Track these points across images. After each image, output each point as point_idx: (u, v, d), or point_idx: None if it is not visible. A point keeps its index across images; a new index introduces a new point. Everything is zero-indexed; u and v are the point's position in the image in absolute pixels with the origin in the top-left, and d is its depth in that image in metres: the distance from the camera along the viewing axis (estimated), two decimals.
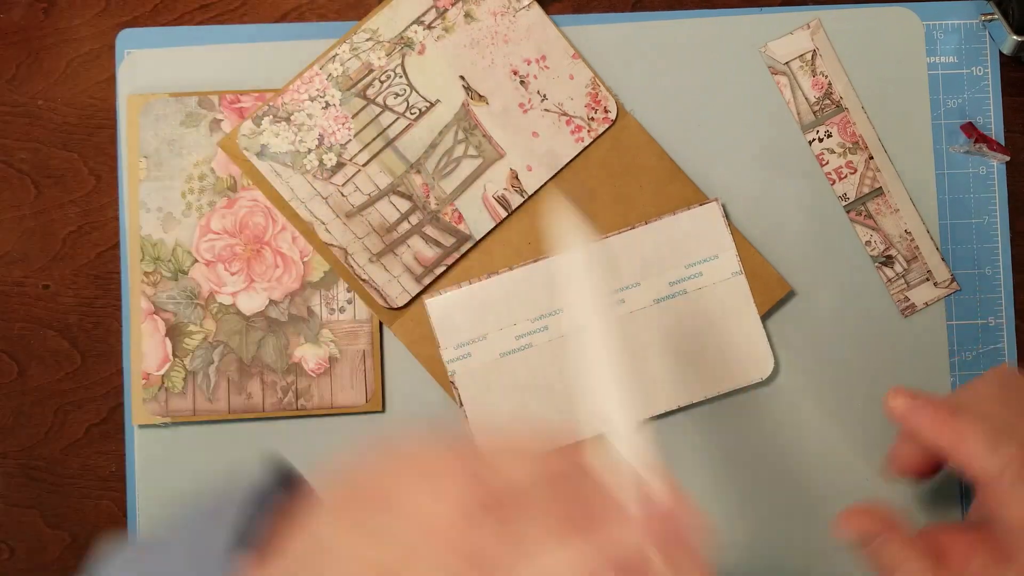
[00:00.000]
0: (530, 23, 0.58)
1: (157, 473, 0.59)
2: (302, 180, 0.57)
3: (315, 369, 0.58)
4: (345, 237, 0.57)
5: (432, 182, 0.58)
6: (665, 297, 0.59)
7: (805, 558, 0.59)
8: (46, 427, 0.60)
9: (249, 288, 0.58)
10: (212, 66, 0.59)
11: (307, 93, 0.57)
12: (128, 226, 0.58)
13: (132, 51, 0.60)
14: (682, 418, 0.59)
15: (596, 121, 0.59)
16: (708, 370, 0.59)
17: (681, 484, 0.58)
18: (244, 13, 0.61)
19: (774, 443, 0.60)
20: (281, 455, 0.44)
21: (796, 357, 0.60)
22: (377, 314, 0.58)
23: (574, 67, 0.59)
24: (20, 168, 0.60)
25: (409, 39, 0.58)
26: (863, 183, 0.60)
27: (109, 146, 0.60)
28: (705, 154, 0.60)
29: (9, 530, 0.60)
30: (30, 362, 0.60)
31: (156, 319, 0.58)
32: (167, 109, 0.58)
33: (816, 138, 0.60)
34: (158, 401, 0.58)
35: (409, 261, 0.58)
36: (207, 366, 0.58)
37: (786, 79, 0.60)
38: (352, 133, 0.57)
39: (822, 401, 0.60)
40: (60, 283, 0.60)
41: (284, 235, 0.58)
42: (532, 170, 0.59)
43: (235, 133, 0.57)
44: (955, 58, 0.61)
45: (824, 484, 0.59)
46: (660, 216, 0.59)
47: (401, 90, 0.58)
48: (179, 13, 0.61)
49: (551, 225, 0.45)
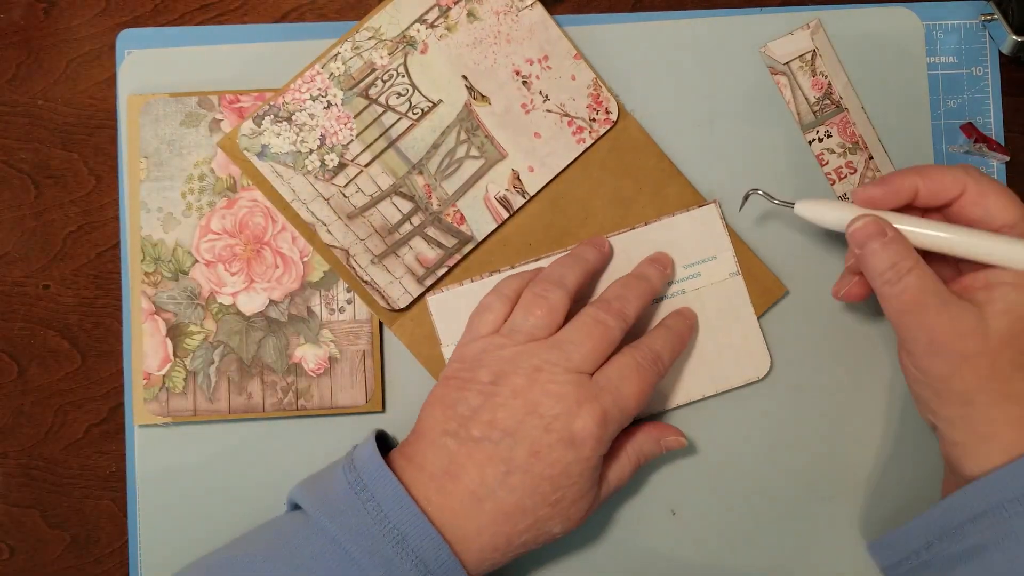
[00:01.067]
0: (532, 23, 0.58)
1: (157, 473, 0.59)
2: (303, 181, 0.57)
3: (315, 369, 0.58)
4: (347, 239, 0.57)
5: (434, 183, 0.58)
6: (663, 297, 0.59)
7: (803, 556, 0.59)
8: (46, 427, 0.60)
9: (249, 288, 0.58)
10: (212, 66, 0.59)
11: (308, 92, 0.57)
12: (128, 226, 0.58)
13: (132, 51, 0.60)
14: (679, 416, 0.59)
15: (597, 122, 0.59)
16: (705, 369, 0.59)
17: (678, 482, 0.58)
18: (244, 13, 0.61)
19: (771, 441, 0.60)
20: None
21: (794, 356, 0.60)
22: (377, 314, 0.58)
23: (576, 67, 0.59)
24: (20, 168, 0.60)
25: (412, 38, 0.58)
26: (863, 183, 0.60)
27: (109, 146, 0.60)
28: (704, 155, 0.60)
29: (9, 530, 0.60)
30: (30, 362, 0.60)
31: (157, 319, 0.58)
32: (167, 109, 0.58)
33: (816, 138, 0.60)
34: (159, 401, 0.57)
35: (411, 262, 0.58)
36: (207, 366, 0.58)
37: (786, 79, 0.60)
38: (354, 133, 0.57)
39: (818, 400, 0.60)
40: (60, 283, 0.60)
41: (284, 235, 0.58)
42: (534, 171, 0.59)
43: (235, 133, 0.57)
44: (955, 58, 0.62)
45: (821, 482, 0.60)
46: (659, 217, 0.59)
47: (404, 90, 0.58)
48: (179, 13, 0.61)
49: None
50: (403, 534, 0.48)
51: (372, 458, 0.51)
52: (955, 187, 0.50)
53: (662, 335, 0.55)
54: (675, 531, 0.59)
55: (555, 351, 0.52)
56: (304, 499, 0.50)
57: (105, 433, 0.60)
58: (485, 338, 0.53)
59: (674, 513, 0.59)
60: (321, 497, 0.50)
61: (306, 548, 0.49)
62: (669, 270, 0.58)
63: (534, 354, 0.52)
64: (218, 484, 0.59)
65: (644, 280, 0.56)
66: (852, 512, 0.59)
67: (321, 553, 0.48)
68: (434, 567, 0.48)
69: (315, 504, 0.50)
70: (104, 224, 0.60)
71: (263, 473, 0.59)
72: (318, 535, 0.49)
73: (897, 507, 0.59)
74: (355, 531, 0.48)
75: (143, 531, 0.59)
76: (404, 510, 0.49)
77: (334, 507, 0.49)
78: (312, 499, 0.50)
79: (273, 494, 0.56)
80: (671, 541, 0.59)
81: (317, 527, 0.49)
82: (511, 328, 0.53)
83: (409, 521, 0.49)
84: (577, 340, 0.52)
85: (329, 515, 0.49)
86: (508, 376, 0.51)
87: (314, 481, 0.52)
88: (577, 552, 0.59)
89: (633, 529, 0.59)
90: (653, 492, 0.59)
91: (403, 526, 0.49)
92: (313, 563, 0.48)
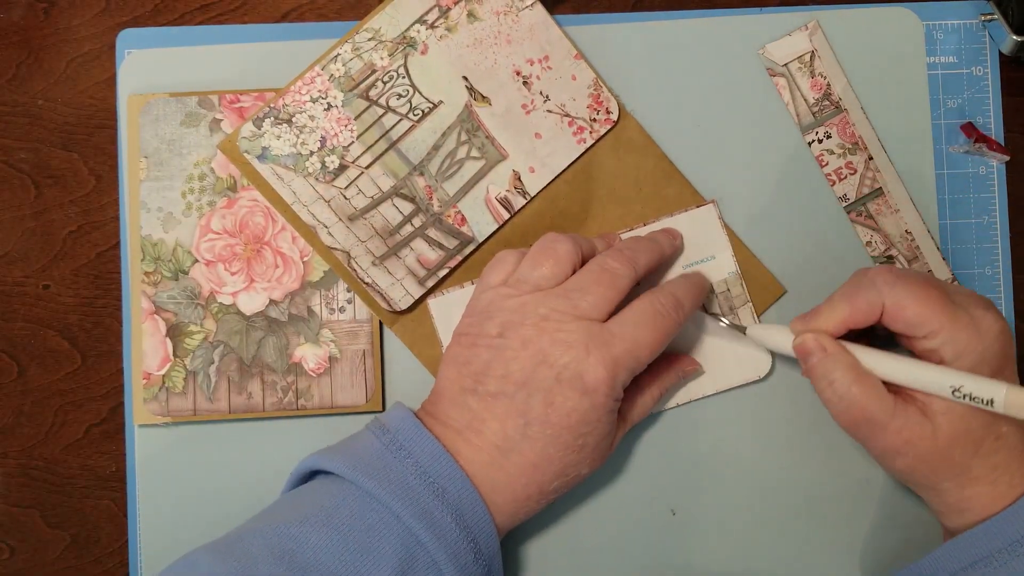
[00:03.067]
0: (533, 23, 0.58)
1: (157, 473, 0.59)
2: (304, 183, 0.57)
3: (315, 369, 0.58)
4: (348, 240, 0.57)
5: (435, 184, 0.58)
6: None
7: (802, 557, 0.59)
8: (46, 427, 0.60)
9: (249, 288, 0.58)
10: (212, 66, 0.59)
11: (309, 94, 0.57)
12: (128, 226, 0.58)
13: (132, 51, 0.59)
14: (679, 416, 0.60)
15: (598, 122, 0.59)
16: (705, 368, 0.59)
17: (678, 482, 0.58)
18: (244, 13, 0.61)
19: (771, 441, 0.60)
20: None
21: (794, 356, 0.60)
22: (378, 315, 0.58)
23: (576, 68, 0.59)
24: (20, 168, 0.60)
25: (412, 39, 0.58)
26: (863, 184, 0.60)
27: (109, 146, 0.60)
28: (704, 155, 0.60)
29: (9, 530, 0.60)
30: (30, 362, 0.60)
31: (157, 319, 0.58)
32: (167, 109, 0.58)
33: (815, 139, 0.60)
34: (159, 401, 0.57)
35: (412, 264, 0.58)
36: (207, 366, 0.58)
37: (785, 80, 0.60)
38: (355, 135, 0.57)
39: (818, 399, 0.60)
40: (60, 283, 0.60)
41: (284, 235, 0.58)
42: (535, 172, 0.58)
43: (235, 136, 0.57)
44: (955, 58, 0.62)
45: (820, 482, 0.60)
46: (658, 217, 0.59)
47: (404, 91, 0.58)
48: (179, 13, 0.61)
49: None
50: (442, 487, 0.49)
51: (406, 419, 0.52)
52: (873, 309, 0.51)
53: (684, 283, 0.55)
54: (675, 531, 0.59)
55: (562, 299, 0.51)
56: (335, 463, 0.50)
57: (105, 433, 0.60)
58: (493, 289, 0.53)
59: (674, 513, 0.59)
60: (354, 459, 0.50)
61: (343, 509, 0.49)
62: (679, 242, 0.58)
63: (541, 303, 0.51)
64: (218, 484, 0.59)
65: (654, 241, 0.57)
66: (851, 512, 0.59)
67: (360, 512, 0.48)
68: (471, 521, 0.49)
69: (350, 465, 0.50)
70: (104, 224, 0.60)
71: (263, 473, 0.59)
72: (355, 495, 0.49)
73: (895, 507, 0.59)
74: (396, 485, 0.49)
75: (143, 531, 0.59)
76: (442, 464, 0.50)
77: (371, 466, 0.50)
78: (345, 461, 0.50)
79: (273, 494, 0.56)
80: (671, 541, 0.59)
81: (354, 487, 0.49)
82: (518, 279, 0.53)
83: (447, 475, 0.49)
84: (584, 287, 0.52)
85: (367, 473, 0.49)
86: (516, 327, 0.51)
87: (341, 448, 0.52)
88: (577, 552, 0.59)
89: (633, 529, 0.59)
90: (653, 492, 0.59)
91: (442, 480, 0.49)
92: (353, 521, 0.48)
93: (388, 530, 0.48)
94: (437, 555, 0.48)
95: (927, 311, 0.49)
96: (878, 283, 0.51)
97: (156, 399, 0.58)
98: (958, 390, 0.48)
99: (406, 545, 0.48)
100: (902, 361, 0.50)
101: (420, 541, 0.48)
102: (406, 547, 0.48)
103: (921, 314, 0.50)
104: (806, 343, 0.52)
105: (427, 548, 0.48)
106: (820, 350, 0.51)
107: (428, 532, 0.48)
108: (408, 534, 0.48)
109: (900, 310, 0.50)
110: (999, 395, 0.47)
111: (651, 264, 0.55)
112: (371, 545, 0.48)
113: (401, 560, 0.48)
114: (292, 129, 0.57)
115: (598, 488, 0.59)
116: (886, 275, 0.51)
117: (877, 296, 0.51)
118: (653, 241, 0.56)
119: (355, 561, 0.47)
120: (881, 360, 0.51)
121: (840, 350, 0.51)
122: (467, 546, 0.49)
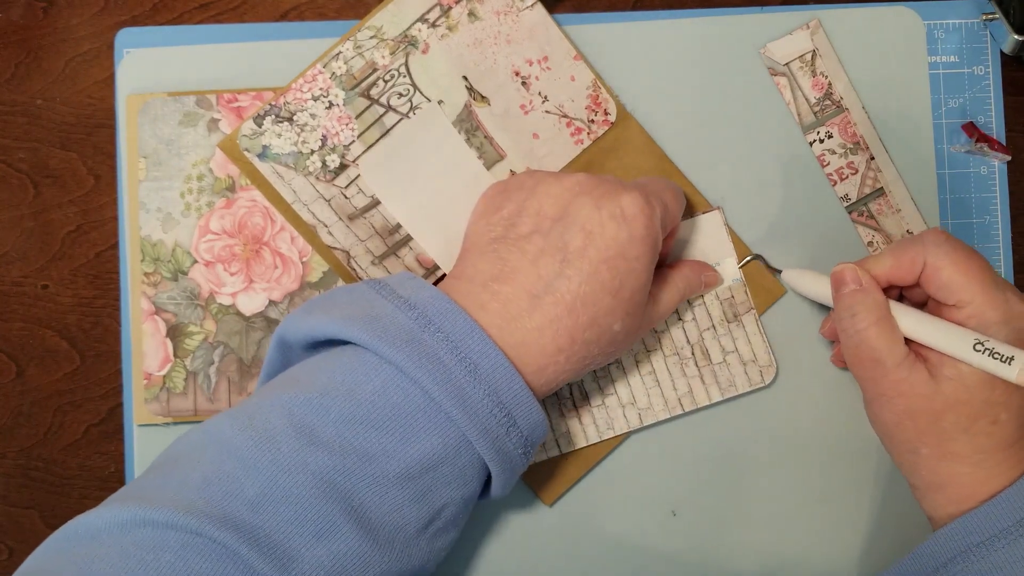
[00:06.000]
0: (533, 23, 0.58)
1: None
2: (304, 182, 0.57)
3: None
4: (348, 240, 0.57)
5: None
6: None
7: (803, 558, 0.59)
8: (45, 427, 0.60)
9: (248, 288, 0.58)
10: (212, 65, 0.59)
11: (310, 92, 0.57)
12: (127, 226, 0.58)
13: (131, 50, 0.59)
14: (686, 424, 0.59)
15: (596, 123, 0.59)
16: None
17: (678, 482, 0.58)
18: (244, 12, 0.61)
19: (771, 441, 0.60)
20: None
21: (799, 360, 0.60)
22: None
23: (575, 68, 0.59)
24: (19, 168, 0.60)
25: (413, 37, 0.58)
26: (864, 184, 0.60)
27: (108, 146, 0.60)
28: (705, 155, 0.60)
29: (9, 530, 0.60)
30: (29, 362, 0.60)
31: (157, 319, 0.58)
32: (165, 109, 0.58)
33: (817, 139, 0.60)
34: (159, 401, 0.57)
35: (411, 263, 0.58)
36: (207, 366, 0.58)
37: (786, 80, 0.60)
38: (356, 134, 0.57)
39: (819, 402, 0.60)
40: (59, 283, 0.60)
41: (283, 235, 0.58)
42: None
43: (235, 134, 0.57)
44: (956, 57, 0.61)
45: (821, 483, 0.60)
46: None
47: (405, 90, 0.57)
48: (178, 12, 0.60)
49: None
50: (475, 363, 0.46)
51: (435, 295, 0.48)
52: (915, 266, 0.52)
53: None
54: (675, 531, 0.59)
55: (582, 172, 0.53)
56: (361, 333, 0.47)
57: (104, 433, 0.60)
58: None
59: (674, 513, 0.59)
60: (382, 332, 0.46)
61: (367, 384, 0.46)
62: (682, 197, 0.57)
63: (564, 173, 0.53)
64: None
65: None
66: (853, 515, 0.59)
67: (385, 388, 0.46)
68: (506, 397, 0.47)
69: (377, 337, 0.46)
70: (103, 224, 0.60)
71: None
72: (381, 368, 0.46)
73: (898, 510, 0.59)
74: (427, 359, 0.46)
75: None
76: (476, 340, 0.47)
77: (400, 339, 0.46)
78: (371, 333, 0.46)
79: None
80: (671, 541, 0.59)
81: (379, 361, 0.46)
82: None
83: (481, 351, 0.47)
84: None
85: (396, 346, 0.46)
86: (545, 177, 0.52)
87: (364, 319, 0.47)
88: (578, 552, 0.59)
89: (633, 529, 0.59)
90: (653, 492, 0.59)
91: (474, 355, 0.47)
92: (378, 399, 0.46)
93: (420, 411, 0.46)
94: (470, 433, 0.46)
95: (962, 279, 0.50)
96: (926, 241, 0.51)
97: (157, 399, 0.57)
98: (981, 344, 0.48)
99: (438, 425, 0.46)
100: (929, 319, 0.51)
101: (452, 419, 0.46)
102: (438, 427, 0.46)
103: (955, 280, 0.50)
104: (844, 273, 0.53)
105: (459, 425, 0.46)
106: (856, 281, 0.52)
107: (461, 411, 0.46)
108: (440, 413, 0.46)
109: (936, 271, 0.50)
110: (1021, 356, 0.48)
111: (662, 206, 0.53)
112: (401, 424, 0.46)
113: (437, 444, 0.46)
114: (293, 127, 0.57)
115: (599, 488, 0.59)
116: (936, 236, 0.51)
117: (921, 253, 0.51)
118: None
119: (383, 440, 0.45)
120: (908, 314, 0.51)
121: (875, 288, 0.52)
122: (502, 420, 0.47)
